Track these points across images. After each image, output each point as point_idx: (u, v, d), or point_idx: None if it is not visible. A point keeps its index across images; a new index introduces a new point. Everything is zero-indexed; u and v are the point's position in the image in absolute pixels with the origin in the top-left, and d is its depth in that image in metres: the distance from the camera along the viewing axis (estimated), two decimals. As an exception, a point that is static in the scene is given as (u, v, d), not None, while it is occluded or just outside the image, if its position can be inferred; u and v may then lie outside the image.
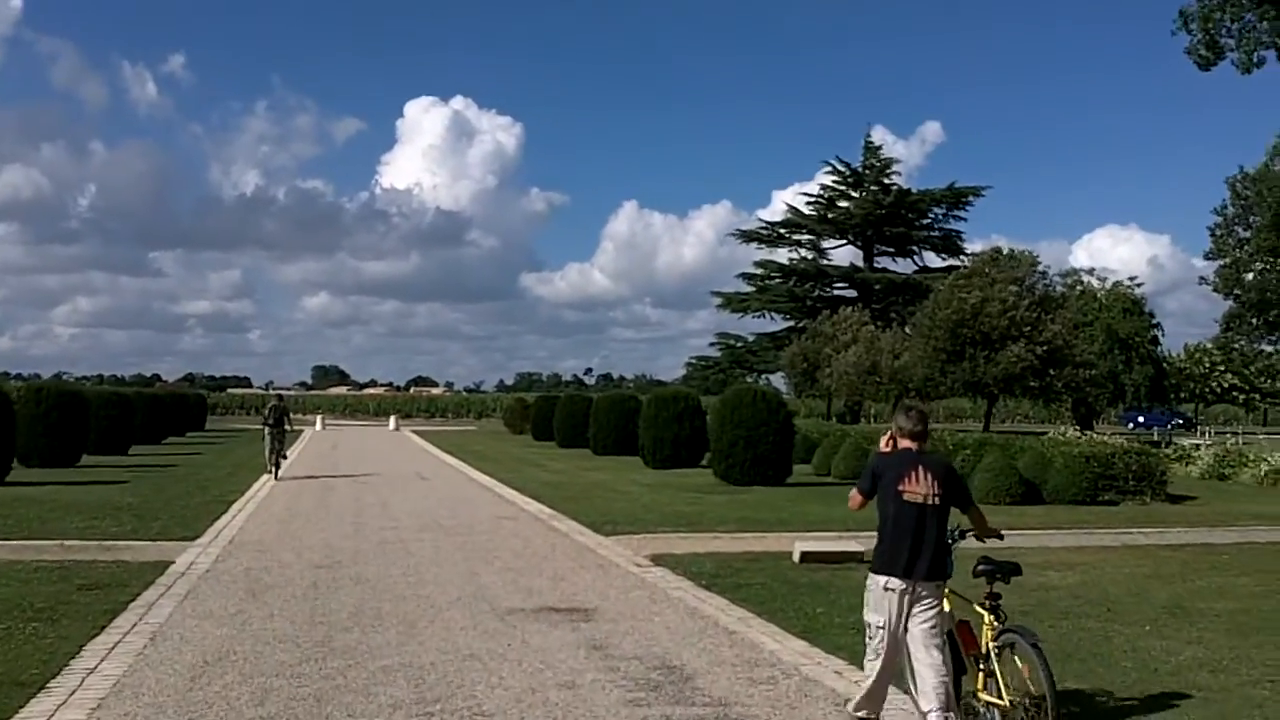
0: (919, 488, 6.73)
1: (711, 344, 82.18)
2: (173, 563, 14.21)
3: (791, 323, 78.71)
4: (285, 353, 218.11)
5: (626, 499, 23.68)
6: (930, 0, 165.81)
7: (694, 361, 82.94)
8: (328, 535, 17.18)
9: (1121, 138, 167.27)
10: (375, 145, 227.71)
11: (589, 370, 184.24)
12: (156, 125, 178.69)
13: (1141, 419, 72.72)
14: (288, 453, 31.26)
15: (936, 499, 6.75)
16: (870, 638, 6.83)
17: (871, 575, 6.84)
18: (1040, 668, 6.54)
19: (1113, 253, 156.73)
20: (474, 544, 16.29)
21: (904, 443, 6.96)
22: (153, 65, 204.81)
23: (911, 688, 6.74)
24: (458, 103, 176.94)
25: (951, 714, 6.60)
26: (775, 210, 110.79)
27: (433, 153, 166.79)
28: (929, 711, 6.54)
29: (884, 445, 7.06)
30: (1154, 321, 64.69)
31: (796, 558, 14.75)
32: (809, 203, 79.72)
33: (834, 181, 79.15)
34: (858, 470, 31.27)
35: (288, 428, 30.45)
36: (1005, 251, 46.24)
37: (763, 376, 78.02)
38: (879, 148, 79.03)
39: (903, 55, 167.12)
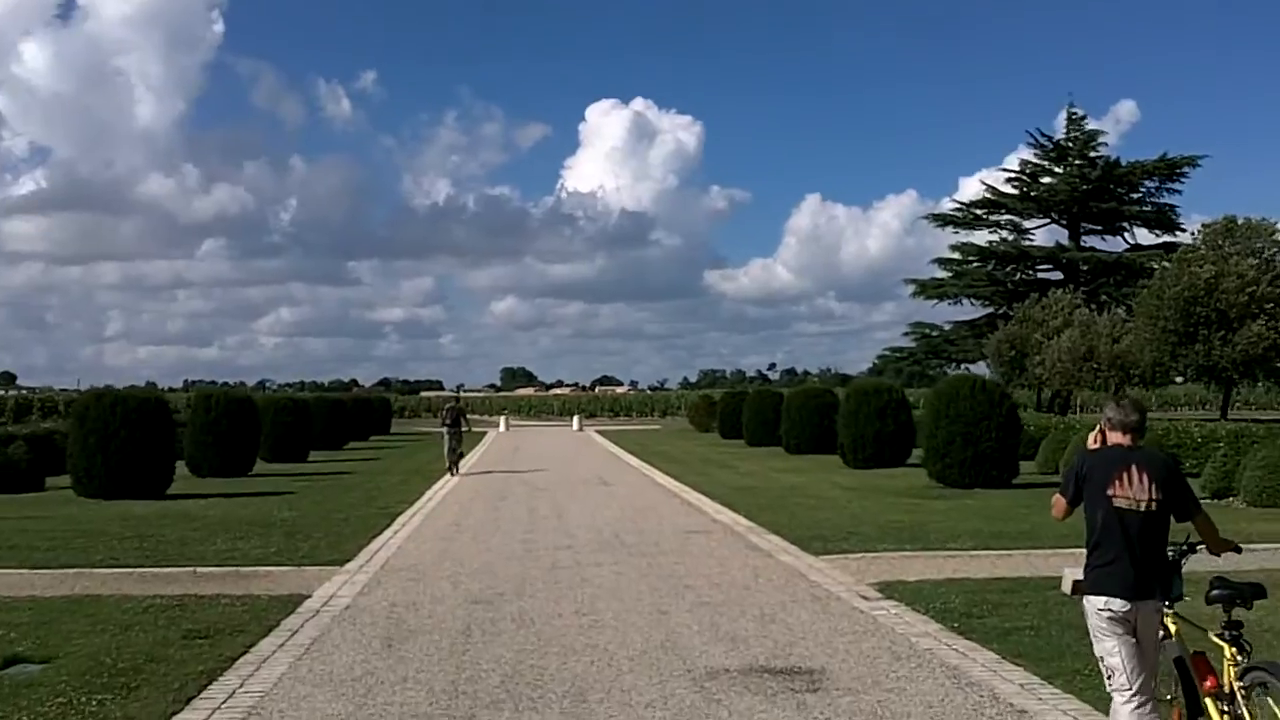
0: (1134, 491, 5.81)
1: (906, 334, 78.04)
2: (309, 597, 12.03)
3: (991, 309, 74.25)
4: (475, 356, 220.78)
5: (831, 507, 20.82)
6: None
7: (887, 353, 79.16)
8: (493, 557, 14.84)
9: None
10: (560, 149, 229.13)
11: (773, 365, 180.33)
12: (351, 140, 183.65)
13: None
14: (464, 451, 32.16)
15: (1155, 504, 5.81)
16: (1109, 675, 5.85)
17: (1086, 599, 5.97)
18: None
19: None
20: (661, 568, 13.70)
21: (1114, 437, 6.04)
22: (346, 82, 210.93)
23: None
24: (638, 104, 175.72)
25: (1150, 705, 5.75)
26: (964, 194, 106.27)
27: (615, 155, 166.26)
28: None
29: (1091, 441, 6.17)
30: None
31: (1067, 588, 11.56)
32: (1008, 180, 75.01)
33: (1035, 156, 74.25)
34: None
35: (465, 428, 31.60)
36: (1240, 221, 41.52)
37: (961, 366, 73.71)
38: (1083, 118, 73.75)
39: (1091, 30, 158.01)
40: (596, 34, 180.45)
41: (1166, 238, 72.65)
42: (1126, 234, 74.15)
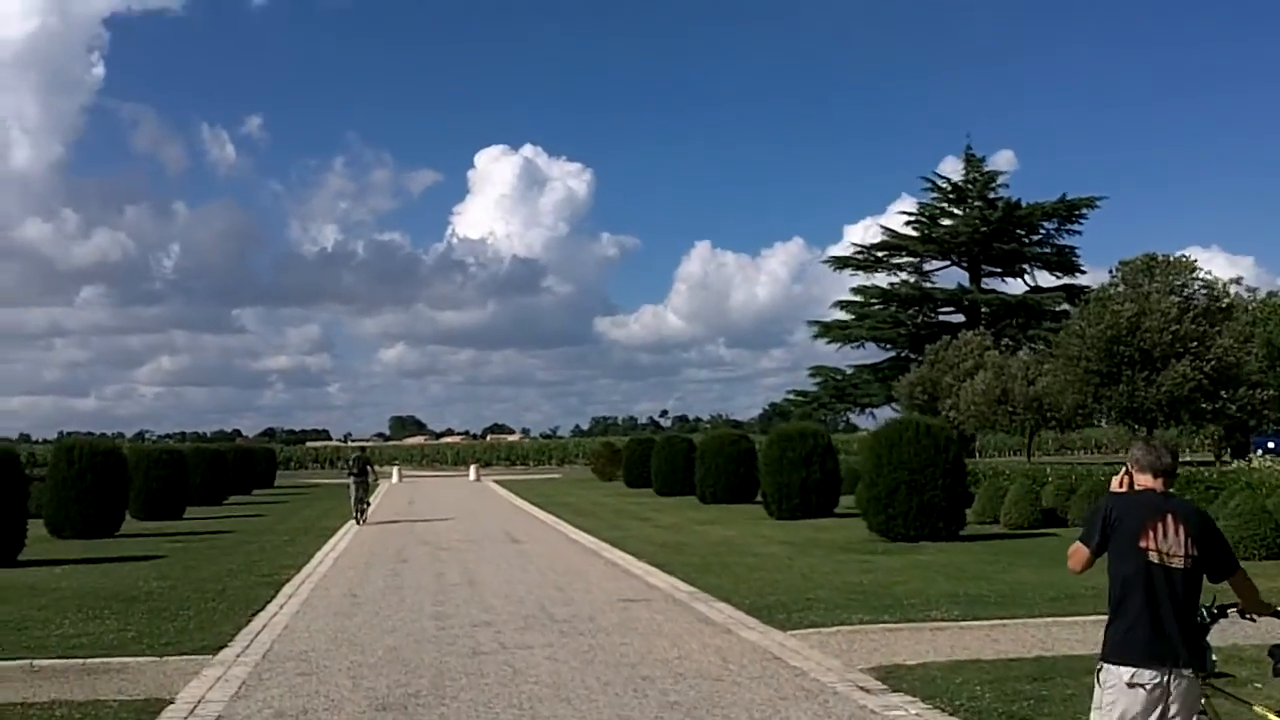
0: (1168, 545, 5.16)
1: (809, 376, 76.53)
2: (170, 703, 9.51)
3: (893, 353, 73.32)
4: (363, 404, 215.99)
5: (775, 566, 18.71)
6: (993, 29, 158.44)
7: (791, 396, 77.25)
8: (399, 639, 12.38)
9: (1202, 159, 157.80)
10: (449, 196, 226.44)
11: (664, 412, 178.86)
12: (235, 185, 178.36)
13: (1272, 445, 65.91)
14: (371, 501, 32.34)
15: (1190, 560, 5.15)
16: None
17: (1106, 667, 5.20)
18: None
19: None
20: (605, 651, 11.39)
21: (1144, 480, 5.35)
22: (230, 126, 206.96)
23: None
24: (527, 150, 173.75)
25: None
26: (856, 239, 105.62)
27: (505, 201, 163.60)
28: None
29: (1116, 484, 5.48)
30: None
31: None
32: (908, 222, 74.22)
33: (934, 199, 73.61)
34: (1032, 519, 26.20)
35: (371, 479, 32.08)
36: (1160, 258, 40.64)
37: (867, 410, 72.58)
38: (981, 160, 73.41)
39: (972, 84, 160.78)
40: (486, 80, 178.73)
41: (1066, 279, 72.55)
42: (1027, 275, 73.82)
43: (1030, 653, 10.83)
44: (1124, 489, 5.46)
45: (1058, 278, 73.05)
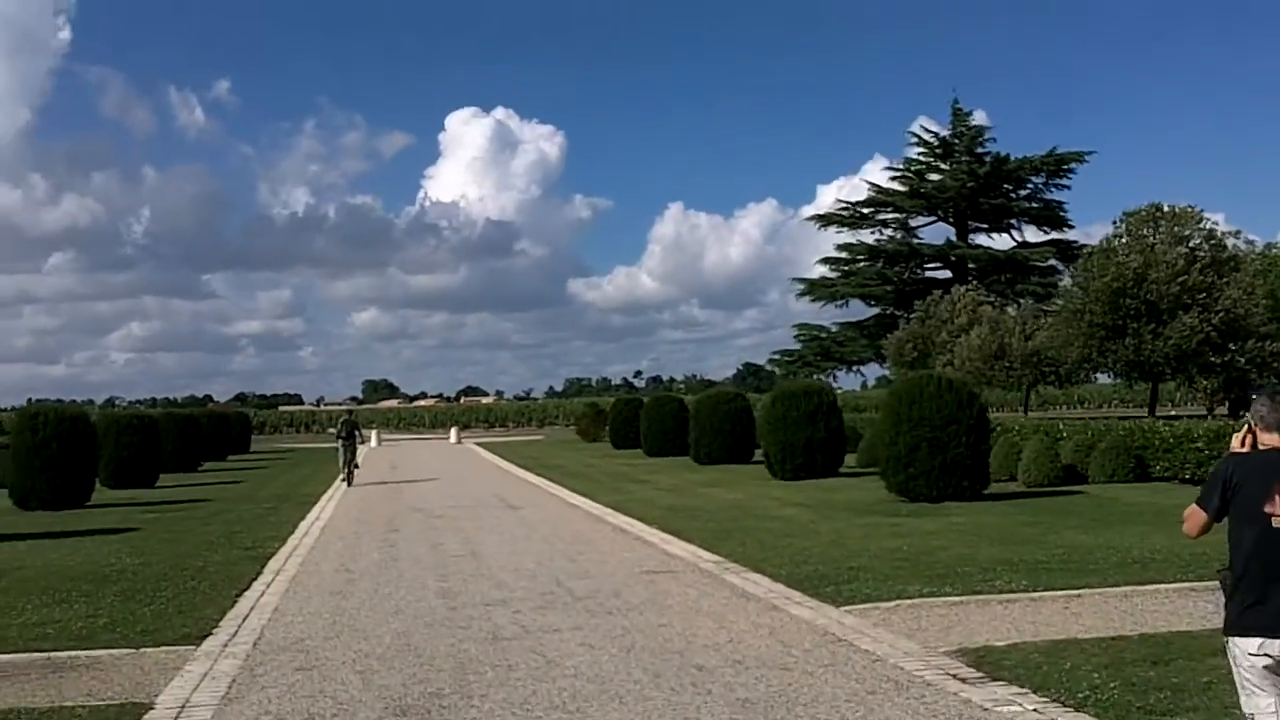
0: None
1: (795, 336, 75.21)
2: (149, 708, 8.12)
3: (878, 310, 72.17)
4: (336, 369, 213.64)
5: (798, 530, 17.42)
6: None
7: (776, 356, 75.98)
8: (406, 622, 10.99)
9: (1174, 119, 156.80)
10: (421, 159, 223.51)
11: (638, 373, 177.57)
12: (205, 149, 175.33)
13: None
14: (359, 463, 32.78)
15: None
16: None
17: (1233, 642, 4.88)
18: None
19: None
20: (643, 635, 10.02)
21: (1269, 439, 4.90)
22: (199, 90, 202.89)
23: None
24: (499, 113, 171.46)
25: None
26: (828, 200, 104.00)
27: (476, 164, 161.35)
28: None
29: (1237, 444, 5.01)
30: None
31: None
32: (894, 178, 72.92)
33: (921, 154, 72.30)
34: (1053, 476, 24.98)
35: (360, 441, 33.28)
36: (1166, 209, 39.37)
37: (854, 368, 71.51)
38: (968, 114, 72.11)
39: (944, 42, 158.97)
40: (457, 42, 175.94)
41: (1054, 234, 71.49)
42: (1015, 231, 72.79)
43: (1128, 630, 9.53)
44: (1245, 448, 5.04)
45: (1045, 233, 72.12)
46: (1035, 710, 7.30)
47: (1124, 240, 39.29)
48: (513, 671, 8.76)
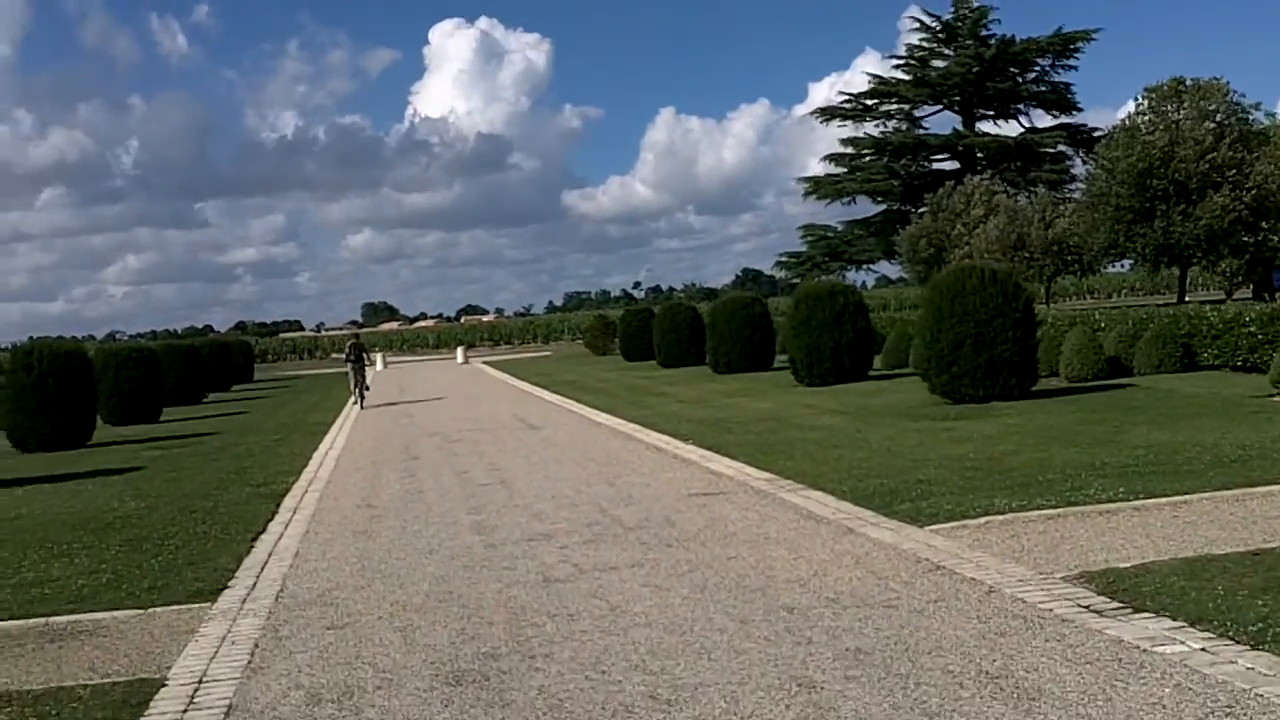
0: None
1: (801, 237, 73.67)
2: (162, 684, 7.02)
3: (885, 205, 70.54)
4: (334, 293, 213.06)
5: (845, 440, 16.28)
6: None
7: (784, 258, 74.43)
8: (442, 565, 9.88)
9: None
10: (407, 74, 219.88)
11: (637, 284, 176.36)
12: (190, 75, 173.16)
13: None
14: (369, 384, 32.46)
15: None
16: None
17: None
18: None
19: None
20: (713, 571, 8.90)
21: None
22: (179, 15, 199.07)
23: None
24: (483, 24, 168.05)
25: None
26: (812, 103, 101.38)
27: (463, 78, 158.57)
28: None
29: None
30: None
31: None
32: (897, 66, 70.85)
33: (923, 39, 70.11)
34: (1097, 369, 23.64)
35: (367, 363, 33.39)
36: (1190, 82, 37.74)
37: (864, 267, 70.10)
38: (968, -6, 69.61)
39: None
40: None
41: (1064, 119, 69.64)
42: (1023, 117, 70.86)
43: (1263, 542, 8.39)
44: None
45: (1055, 117, 70.25)
46: (1204, 649, 6.17)
47: (1147, 118, 37.69)
48: (575, 622, 7.65)
